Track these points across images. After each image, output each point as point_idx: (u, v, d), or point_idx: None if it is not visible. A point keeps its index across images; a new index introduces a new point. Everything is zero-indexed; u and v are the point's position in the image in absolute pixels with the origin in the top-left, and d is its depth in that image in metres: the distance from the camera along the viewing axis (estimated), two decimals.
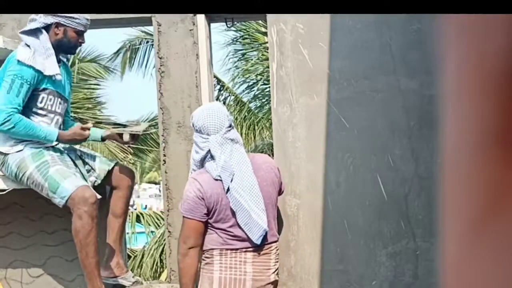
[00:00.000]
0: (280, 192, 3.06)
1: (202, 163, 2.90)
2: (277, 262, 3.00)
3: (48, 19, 3.10)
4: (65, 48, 3.19)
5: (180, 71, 3.51)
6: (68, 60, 3.39)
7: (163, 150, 3.55)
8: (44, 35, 3.11)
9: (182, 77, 3.52)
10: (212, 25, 3.71)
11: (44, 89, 3.14)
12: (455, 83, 0.36)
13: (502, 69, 0.33)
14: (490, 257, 0.34)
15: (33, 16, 3.16)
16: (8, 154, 3.11)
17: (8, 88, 3.01)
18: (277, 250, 3.01)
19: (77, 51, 3.32)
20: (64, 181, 3.03)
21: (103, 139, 3.37)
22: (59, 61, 3.20)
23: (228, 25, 3.75)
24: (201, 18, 3.48)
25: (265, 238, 2.87)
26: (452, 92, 0.36)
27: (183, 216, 2.88)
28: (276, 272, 2.98)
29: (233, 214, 2.85)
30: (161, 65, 3.52)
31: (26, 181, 3.11)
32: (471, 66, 0.35)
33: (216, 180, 2.84)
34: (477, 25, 0.34)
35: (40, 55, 3.07)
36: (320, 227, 3.35)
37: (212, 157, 2.86)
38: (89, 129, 3.23)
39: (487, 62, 0.34)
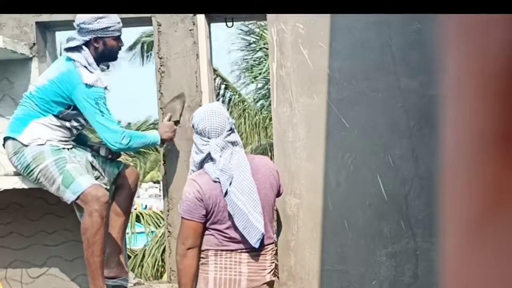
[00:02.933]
0: (278, 195, 3.06)
1: (201, 164, 2.91)
2: (273, 262, 2.99)
3: (86, 36, 3.12)
4: (107, 57, 3.23)
5: (180, 71, 3.51)
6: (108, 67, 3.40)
7: (163, 150, 3.55)
8: (85, 51, 3.13)
9: (182, 77, 3.52)
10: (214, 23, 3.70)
11: None
12: (455, 83, 0.36)
13: (502, 69, 0.33)
14: (490, 257, 0.34)
15: (70, 35, 3.19)
16: (28, 145, 3.13)
17: (99, 112, 3.09)
18: (273, 251, 3.01)
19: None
20: (80, 177, 3.08)
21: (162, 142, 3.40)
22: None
23: (228, 25, 3.75)
24: (201, 18, 3.48)
25: (262, 241, 2.87)
26: (452, 92, 0.36)
27: (182, 217, 2.88)
28: (272, 272, 2.98)
29: (230, 216, 2.84)
30: (161, 65, 3.52)
31: (37, 174, 3.12)
32: (471, 66, 0.35)
33: (215, 181, 2.84)
34: (477, 25, 0.34)
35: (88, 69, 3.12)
36: (320, 227, 3.35)
37: (212, 159, 2.87)
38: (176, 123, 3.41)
39: (487, 62, 0.34)
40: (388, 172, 3.30)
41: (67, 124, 3.19)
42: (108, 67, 3.33)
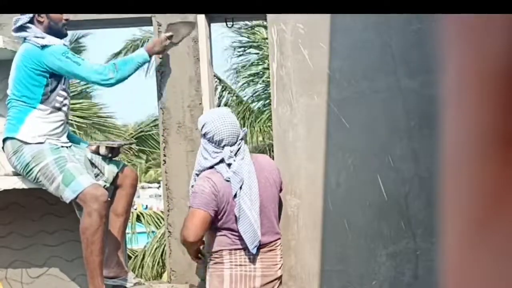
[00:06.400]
0: (280, 191, 3.17)
1: (210, 168, 2.97)
2: (281, 257, 3.11)
3: (28, 13, 3.18)
4: (55, 31, 3.23)
5: (180, 71, 3.51)
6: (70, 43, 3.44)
7: (163, 150, 3.55)
8: (32, 28, 3.18)
9: (182, 77, 3.52)
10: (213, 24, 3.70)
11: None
12: (456, 83, 0.36)
13: (502, 69, 0.33)
14: (490, 257, 0.34)
15: (15, 18, 3.23)
16: (27, 143, 3.14)
17: (73, 63, 3.13)
18: (281, 246, 3.12)
19: (68, 33, 3.36)
20: (80, 176, 3.09)
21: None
22: None
23: (228, 25, 3.75)
24: (201, 18, 3.48)
25: (259, 248, 2.96)
26: (452, 92, 0.36)
27: (194, 209, 2.89)
28: (281, 268, 3.10)
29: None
30: (161, 65, 3.52)
31: (37, 173, 3.13)
32: (471, 66, 0.35)
33: (227, 181, 2.92)
34: (477, 25, 0.34)
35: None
36: (320, 227, 3.35)
37: (224, 163, 2.93)
38: (168, 38, 3.39)
39: (487, 62, 0.34)
40: (388, 172, 3.30)
41: (56, 104, 3.21)
42: (70, 43, 3.37)
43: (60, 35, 3.26)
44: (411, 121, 3.29)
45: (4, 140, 3.21)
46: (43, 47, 3.12)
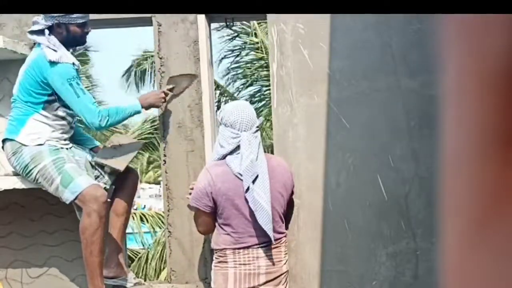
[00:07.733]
0: (291, 194, 3.19)
1: (225, 157, 2.97)
2: (286, 253, 3.13)
3: (48, 21, 3.13)
4: (73, 42, 3.23)
5: (180, 71, 3.51)
6: (75, 51, 3.42)
7: (163, 150, 3.55)
8: (51, 36, 3.14)
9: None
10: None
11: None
12: (456, 83, 0.36)
13: (502, 69, 0.33)
14: (490, 257, 0.34)
15: (35, 18, 3.19)
16: (26, 145, 3.13)
17: (74, 94, 3.08)
18: (286, 242, 3.15)
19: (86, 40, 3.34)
20: (79, 177, 3.08)
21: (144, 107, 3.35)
22: None
23: (228, 25, 3.75)
24: (201, 18, 3.48)
25: (263, 246, 3.01)
26: (452, 92, 0.36)
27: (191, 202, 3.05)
28: (286, 263, 3.12)
29: (245, 211, 2.94)
30: (161, 65, 3.52)
31: (36, 174, 3.12)
32: (471, 66, 0.35)
33: (236, 176, 2.92)
34: (477, 25, 0.34)
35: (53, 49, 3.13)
36: (320, 227, 3.35)
37: (238, 153, 2.93)
38: (166, 94, 3.36)
39: (487, 62, 0.34)
40: (388, 172, 3.30)
41: (60, 113, 3.20)
42: (75, 50, 3.34)
43: (78, 43, 3.26)
44: (411, 121, 3.29)
45: (4, 141, 3.21)
46: (52, 63, 3.07)
